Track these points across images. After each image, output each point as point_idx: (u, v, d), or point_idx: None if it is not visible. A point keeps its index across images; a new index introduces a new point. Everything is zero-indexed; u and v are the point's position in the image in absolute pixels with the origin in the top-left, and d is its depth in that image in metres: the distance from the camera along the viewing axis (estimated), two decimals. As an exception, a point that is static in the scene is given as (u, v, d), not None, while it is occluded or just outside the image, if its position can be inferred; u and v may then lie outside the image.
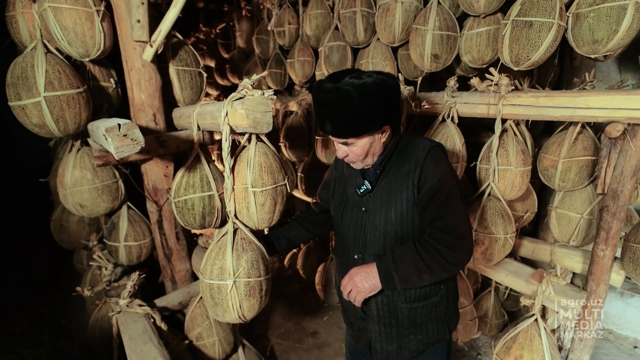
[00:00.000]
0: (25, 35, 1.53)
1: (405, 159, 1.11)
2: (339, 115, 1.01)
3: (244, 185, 1.25)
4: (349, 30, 2.13)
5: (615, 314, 2.54)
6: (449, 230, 1.06)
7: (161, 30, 1.50)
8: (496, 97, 1.57)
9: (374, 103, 1.00)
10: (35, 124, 1.38)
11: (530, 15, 1.34)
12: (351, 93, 0.97)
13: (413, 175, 1.08)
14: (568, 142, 1.65)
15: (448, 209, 1.07)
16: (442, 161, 1.10)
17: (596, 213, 1.72)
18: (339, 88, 0.98)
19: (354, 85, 0.97)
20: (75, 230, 2.14)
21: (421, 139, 1.15)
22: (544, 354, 1.49)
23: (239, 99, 1.24)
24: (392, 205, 1.11)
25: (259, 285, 1.28)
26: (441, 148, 1.14)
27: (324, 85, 1.01)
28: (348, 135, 1.04)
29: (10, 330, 2.61)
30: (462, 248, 1.07)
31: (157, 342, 1.45)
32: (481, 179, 1.74)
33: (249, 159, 1.24)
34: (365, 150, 1.07)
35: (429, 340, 1.23)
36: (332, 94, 0.99)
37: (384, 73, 1.07)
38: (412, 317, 1.19)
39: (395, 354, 1.24)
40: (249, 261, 1.25)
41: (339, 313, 2.82)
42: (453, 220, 1.07)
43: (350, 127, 1.02)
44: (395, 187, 1.11)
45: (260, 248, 1.32)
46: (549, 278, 1.55)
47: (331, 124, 1.04)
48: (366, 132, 1.04)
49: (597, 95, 1.32)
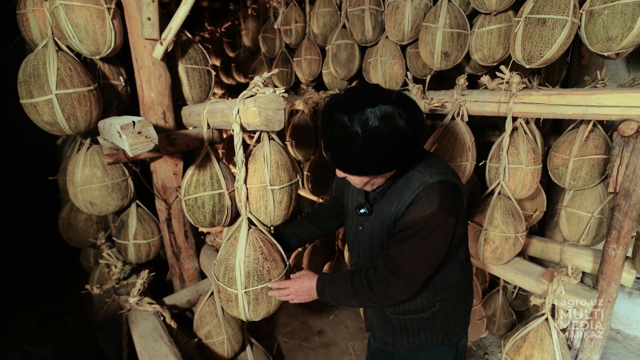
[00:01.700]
0: (36, 33, 1.53)
1: (401, 190, 1.05)
2: (339, 153, 0.95)
3: (262, 183, 1.25)
4: (357, 28, 2.13)
5: (624, 313, 2.52)
6: (389, 265, 1.03)
7: (171, 28, 1.49)
8: (507, 95, 1.56)
9: (379, 153, 0.91)
10: (46, 121, 1.38)
11: (543, 12, 1.34)
12: (358, 138, 0.88)
13: (398, 209, 1.05)
14: (579, 141, 1.64)
15: (404, 247, 1.01)
16: (431, 204, 0.98)
17: (607, 212, 1.71)
18: (346, 127, 0.88)
19: (365, 129, 0.87)
20: (83, 229, 2.14)
21: (425, 169, 1.04)
22: (554, 354, 1.48)
23: (250, 96, 1.24)
24: (375, 232, 1.14)
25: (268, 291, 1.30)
26: (444, 183, 1.01)
27: (333, 115, 0.92)
28: (345, 171, 1.02)
29: (17, 328, 2.62)
30: (396, 287, 1.02)
31: (167, 340, 1.45)
32: (491, 177, 1.73)
33: (265, 157, 1.24)
34: (363, 182, 1.05)
35: (422, 343, 1.24)
36: (338, 130, 0.90)
37: (409, 112, 0.91)
38: (403, 324, 1.23)
39: (390, 344, 1.29)
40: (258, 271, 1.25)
41: (345, 312, 2.82)
42: (400, 258, 1.02)
43: (348, 167, 0.98)
44: (383, 216, 1.11)
45: (275, 244, 1.33)
46: (559, 277, 1.54)
47: (331, 155, 0.98)
48: (364, 175, 1.00)
49: (611, 93, 1.31)
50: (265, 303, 1.27)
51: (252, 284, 1.22)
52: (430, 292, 1.17)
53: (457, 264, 1.19)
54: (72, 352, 2.38)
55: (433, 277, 1.14)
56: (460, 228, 1.07)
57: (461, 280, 1.22)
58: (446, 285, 1.18)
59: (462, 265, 1.21)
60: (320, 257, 3.06)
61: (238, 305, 1.25)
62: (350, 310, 2.82)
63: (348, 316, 2.76)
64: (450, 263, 1.16)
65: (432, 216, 0.97)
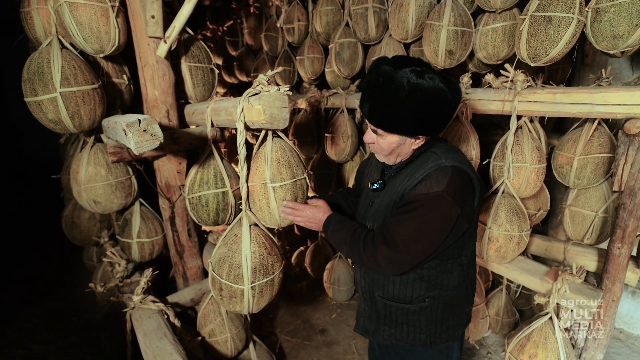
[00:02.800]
0: (40, 31, 1.53)
1: (415, 168, 1.07)
2: (379, 102, 0.98)
3: (262, 181, 1.25)
4: (361, 26, 2.12)
5: (627, 313, 2.52)
6: (383, 232, 1.04)
7: (175, 26, 1.49)
8: (511, 93, 1.56)
9: (419, 110, 0.94)
10: (51, 119, 1.38)
11: (549, 10, 1.33)
12: (401, 89, 0.92)
13: (407, 185, 1.06)
14: (584, 139, 1.64)
15: (400, 219, 1.02)
16: (439, 184, 0.99)
17: (611, 211, 1.71)
18: (393, 77, 0.93)
19: (409, 82, 0.91)
20: (87, 227, 2.14)
21: (442, 153, 1.06)
22: (558, 353, 1.48)
23: (254, 94, 1.23)
24: (383, 208, 1.13)
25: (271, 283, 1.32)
26: (457, 168, 1.02)
27: (382, 65, 0.96)
28: (379, 125, 1.03)
29: (20, 326, 2.62)
30: (383, 254, 1.03)
31: (172, 339, 1.45)
32: (495, 176, 1.73)
33: (266, 155, 1.24)
34: (390, 148, 1.06)
35: (402, 339, 1.22)
36: (384, 78, 0.94)
37: (450, 82, 0.97)
38: (388, 312, 1.21)
39: (371, 333, 1.29)
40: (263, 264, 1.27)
41: (347, 311, 2.82)
42: (394, 227, 1.02)
43: (385, 119, 1.00)
44: (392, 191, 1.11)
45: (273, 239, 1.35)
46: (564, 276, 1.53)
47: (369, 106, 1.01)
48: (397, 132, 1.01)
49: (617, 91, 1.30)
50: (267, 295, 1.32)
51: (259, 279, 1.25)
52: (422, 285, 1.14)
53: (457, 267, 1.16)
54: (75, 350, 2.39)
55: (428, 270, 1.12)
56: (464, 223, 1.05)
57: (458, 286, 1.18)
58: (440, 284, 1.15)
59: (462, 269, 1.17)
60: (323, 255, 3.06)
61: (243, 300, 1.25)
62: (353, 309, 2.82)
63: (350, 315, 2.76)
64: (449, 263, 1.14)
65: (436, 196, 0.97)
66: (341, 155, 2.45)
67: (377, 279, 1.20)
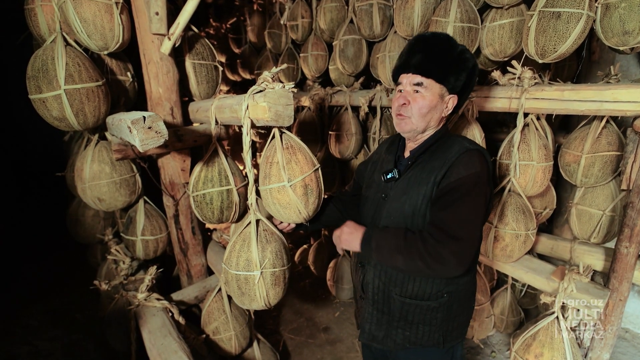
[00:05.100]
0: (44, 28, 1.52)
1: (439, 155, 1.09)
2: (435, 52, 1.08)
3: (280, 183, 1.20)
4: (365, 23, 2.10)
5: (633, 312, 2.50)
6: (440, 225, 1.00)
7: (179, 22, 1.48)
8: (518, 90, 1.54)
9: (464, 66, 1.09)
10: (55, 117, 1.38)
11: (558, 5, 1.31)
12: (447, 39, 1.10)
13: (438, 173, 1.06)
14: (592, 137, 1.62)
15: (453, 207, 1.01)
16: (474, 165, 1.03)
17: (619, 210, 1.69)
18: (448, 38, 1.11)
19: (461, 45, 1.11)
20: (91, 225, 2.15)
21: (462, 139, 1.12)
22: (565, 352, 1.47)
23: (259, 92, 1.22)
24: (408, 198, 1.11)
25: (283, 274, 1.31)
26: (481, 152, 1.08)
27: (423, 33, 1.15)
28: (430, 74, 1.07)
29: (25, 323, 2.64)
30: (449, 247, 0.97)
31: (176, 336, 1.45)
32: (501, 174, 1.71)
33: (279, 159, 1.19)
34: (430, 106, 1.08)
35: (417, 340, 1.20)
36: (431, 35, 1.12)
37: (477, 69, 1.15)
38: (405, 312, 1.18)
39: (380, 340, 1.25)
40: (274, 252, 1.27)
41: (350, 309, 2.82)
42: (451, 218, 1.00)
43: (438, 67, 1.07)
44: (419, 180, 1.10)
45: (282, 238, 1.34)
46: (571, 275, 1.52)
47: (422, 56, 1.07)
48: (443, 80, 1.08)
49: (626, 88, 1.28)
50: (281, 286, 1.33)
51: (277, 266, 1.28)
52: (442, 280, 1.14)
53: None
54: (79, 348, 2.40)
55: None
56: (489, 206, 1.11)
57: (469, 279, 1.21)
58: (456, 278, 1.15)
59: (472, 261, 1.17)
60: (326, 253, 3.06)
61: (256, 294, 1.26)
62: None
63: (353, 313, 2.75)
64: None
65: (475, 176, 1.03)
66: (345, 152, 2.44)
67: (396, 277, 1.16)
